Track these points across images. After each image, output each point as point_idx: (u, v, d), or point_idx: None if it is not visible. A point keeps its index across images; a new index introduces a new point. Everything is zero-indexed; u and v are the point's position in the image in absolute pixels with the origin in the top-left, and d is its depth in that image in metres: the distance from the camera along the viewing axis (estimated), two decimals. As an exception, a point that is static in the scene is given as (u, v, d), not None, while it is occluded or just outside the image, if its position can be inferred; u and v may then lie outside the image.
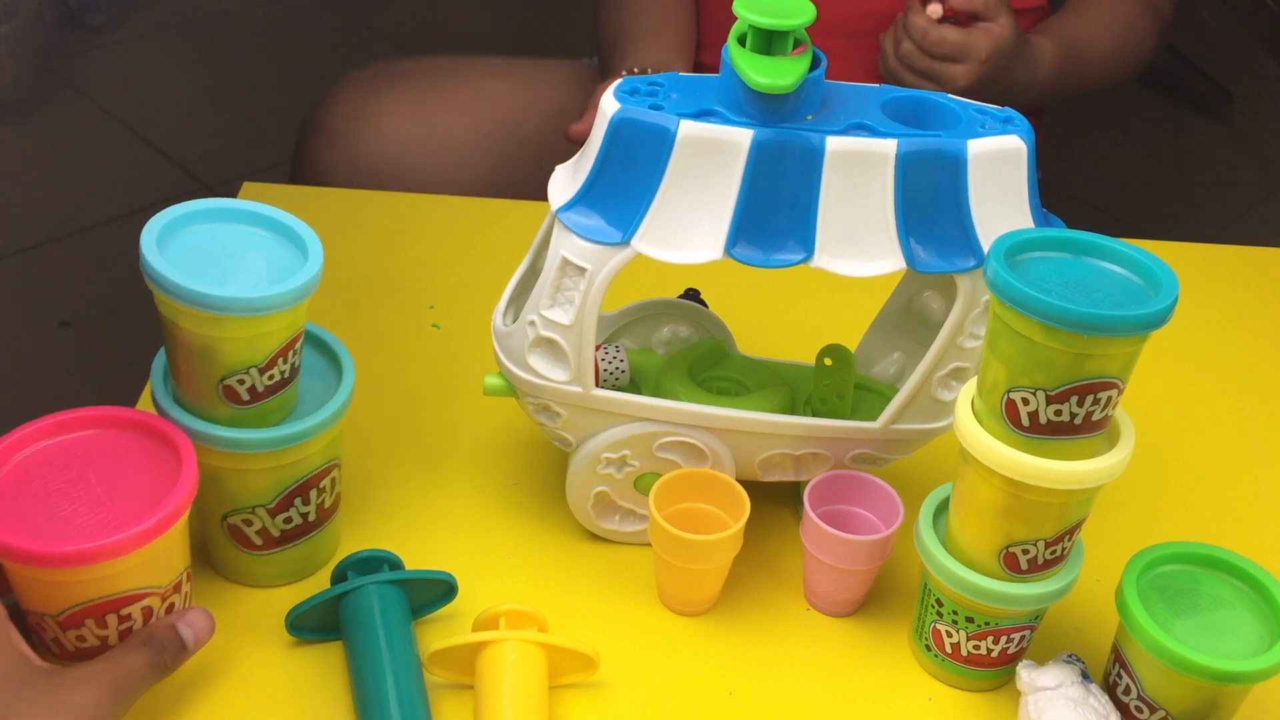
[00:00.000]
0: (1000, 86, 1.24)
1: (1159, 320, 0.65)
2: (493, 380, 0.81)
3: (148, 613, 0.70)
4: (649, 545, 0.80)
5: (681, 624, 0.81)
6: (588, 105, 1.21)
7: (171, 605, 0.72)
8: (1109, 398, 0.68)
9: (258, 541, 0.79)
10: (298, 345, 0.75)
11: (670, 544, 0.78)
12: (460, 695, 0.75)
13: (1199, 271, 1.11)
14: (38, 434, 0.71)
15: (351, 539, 0.84)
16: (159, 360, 0.76)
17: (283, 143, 1.46)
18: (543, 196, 0.78)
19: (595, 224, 0.73)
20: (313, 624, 0.77)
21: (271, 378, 0.73)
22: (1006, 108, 0.76)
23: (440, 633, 0.78)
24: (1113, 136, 2.45)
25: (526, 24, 2.67)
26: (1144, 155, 2.45)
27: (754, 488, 0.82)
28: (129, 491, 0.69)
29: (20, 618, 0.70)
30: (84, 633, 0.69)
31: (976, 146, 0.72)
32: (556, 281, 0.75)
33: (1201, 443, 0.99)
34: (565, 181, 0.76)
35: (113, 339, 1.75)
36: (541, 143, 1.36)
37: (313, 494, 0.78)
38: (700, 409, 0.80)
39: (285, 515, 0.78)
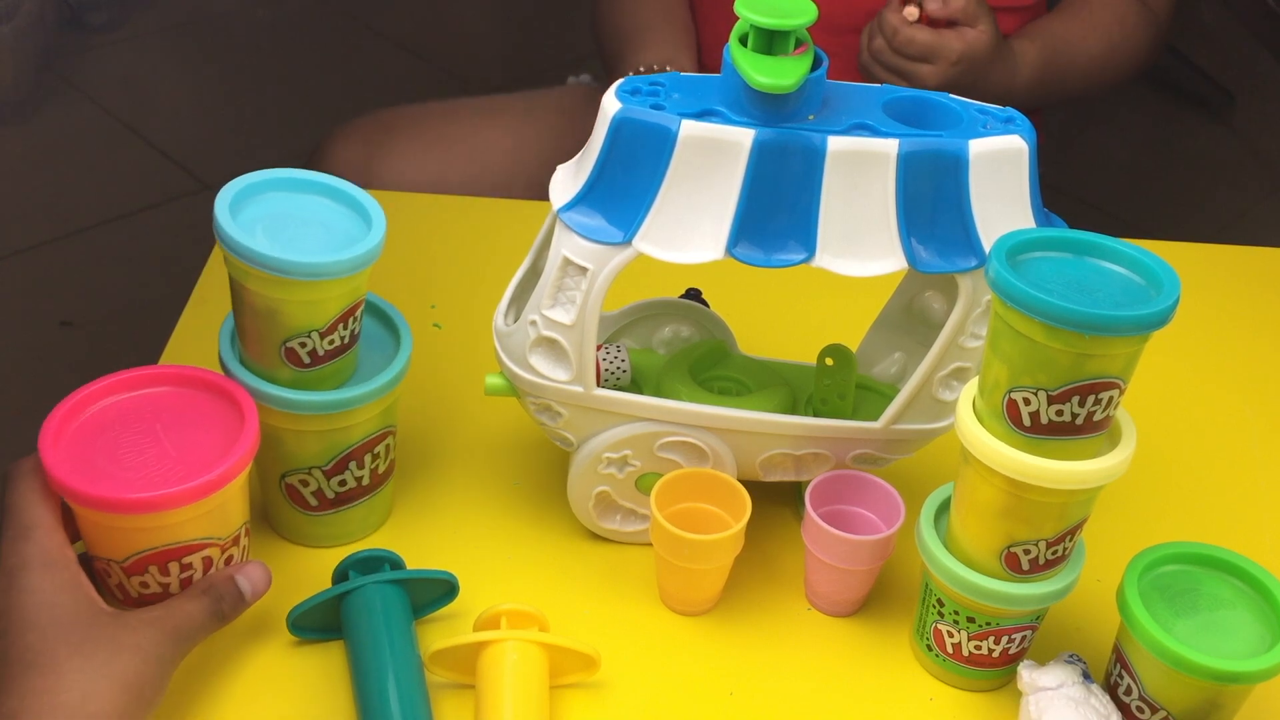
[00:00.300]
0: (976, 89, 1.24)
1: (1161, 320, 0.65)
2: (494, 380, 0.81)
3: (208, 563, 0.73)
4: (650, 545, 0.80)
5: (682, 624, 0.81)
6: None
7: (230, 557, 0.75)
8: (1110, 398, 0.68)
9: (313, 502, 0.81)
10: (358, 313, 0.78)
11: (671, 544, 0.78)
12: (461, 695, 0.75)
13: (1200, 271, 1.10)
14: (111, 388, 0.74)
15: (352, 539, 0.84)
16: (226, 324, 0.80)
17: (282, 143, 1.46)
18: None
19: (596, 224, 0.73)
20: (314, 624, 0.77)
21: (332, 342, 0.77)
22: (1008, 107, 0.76)
23: (441, 632, 0.78)
24: (1113, 136, 2.45)
25: (526, 24, 2.67)
26: (1145, 155, 2.46)
27: (755, 488, 0.82)
28: (195, 446, 0.72)
29: (87, 564, 0.73)
30: (147, 579, 0.72)
31: (978, 146, 0.72)
32: (558, 281, 0.75)
33: (1203, 443, 0.99)
34: (566, 181, 0.76)
35: (113, 339, 1.75)
36: (542, 182, 1.36)
37: (367, 459, 0.81)
38: (701, 409, 0.80)
39: (340, 478, 0.81)
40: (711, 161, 0.71)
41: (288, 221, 0.76)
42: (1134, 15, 1.39)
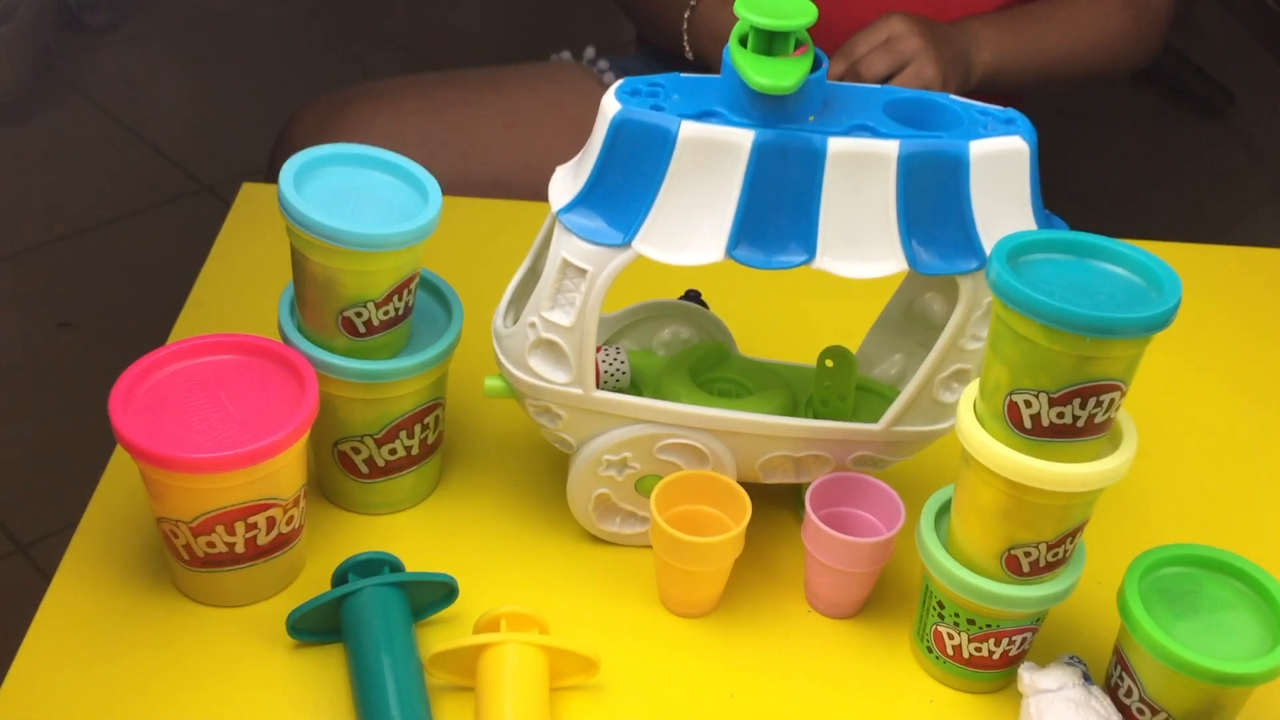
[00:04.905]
0: (948, 52, 1.23)
1: (1162, 322, 0.65)
2: (493, 382, 0.81)
3: (271, 523, 0.76)
4: (650, 547, 0.80)
5: (682, 626, 0.81)
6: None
7: (291, 518, 0.77)
8: (1111, 400, 0.68)
9: (364, 470, 0.84)
10: (412, 286, 0.80)
11: (671, 546, 0.78)
12: (461, 697, 0.75)
13: (1201, 272, 1.10)
14: (177, 355, 0.78)
15: (352, 541, 0.84)
16: (286, 294, 0.83)
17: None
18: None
19: (596, 225, 0.73)
20: (313, 626, 0.77)
21: (386, 313, 0.79)
22: (1009, 108, 0.76)
23: (441, 635, 0.78)
24: (1114, 137, 2.45)
25: (527, 25, 2.67)
26: (1145, 156, 2.45)
27: (755, 490, 0.82)
28: (257, 410, 0.76)
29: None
30: (213, 539, 0.75)
31: (978, 147, 0.72)
32: (557, 283, 0.75)
33: (1204, 445, 0.99)
34: (566, 183, 0.76)
35: (112, 339, 1.75)
36: (526, 162, 1.34)
37: (416, 429, 0.83)
38: (701, 411, 0.80)
39: (390, 446, 0.83)
40: (711, 163, 0.71)
41: (348, 195, 0.79)
42: (1118, 12, 1.38)
